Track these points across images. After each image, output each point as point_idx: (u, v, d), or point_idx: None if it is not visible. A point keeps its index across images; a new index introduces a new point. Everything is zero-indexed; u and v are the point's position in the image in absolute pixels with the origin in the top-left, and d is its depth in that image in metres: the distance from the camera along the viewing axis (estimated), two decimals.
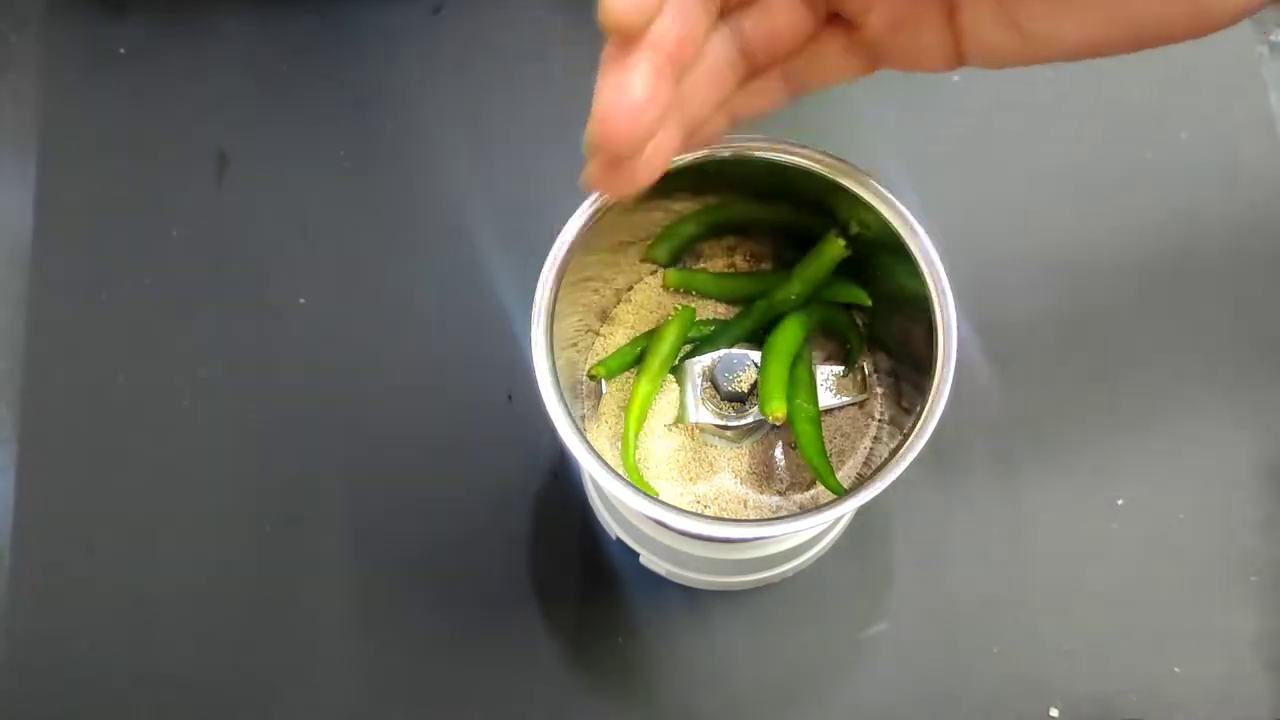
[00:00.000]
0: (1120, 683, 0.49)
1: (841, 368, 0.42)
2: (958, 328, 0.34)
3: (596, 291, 0.42)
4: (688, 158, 0.35)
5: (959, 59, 0.28)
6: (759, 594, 0.50)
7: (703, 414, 0.40)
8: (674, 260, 0.43)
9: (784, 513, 0.41)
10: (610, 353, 0.43)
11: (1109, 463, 0.52)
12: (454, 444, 0.52)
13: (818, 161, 0.35)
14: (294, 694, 0.49)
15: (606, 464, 0.34)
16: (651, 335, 0.42)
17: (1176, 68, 0.58)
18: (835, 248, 0.38)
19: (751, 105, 0.30)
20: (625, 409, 0.41)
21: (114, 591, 0.50)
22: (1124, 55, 0.27)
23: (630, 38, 0.23)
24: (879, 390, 0.42)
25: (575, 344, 0.41)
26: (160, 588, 0.50)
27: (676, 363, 0.42)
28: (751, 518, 0.41)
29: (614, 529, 0.47)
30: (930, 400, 0.33)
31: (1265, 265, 0.55)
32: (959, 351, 0.34)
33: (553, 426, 0.33)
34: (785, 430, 0.42)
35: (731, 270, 0.44)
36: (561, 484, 0.51)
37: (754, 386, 0.40)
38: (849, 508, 0.33)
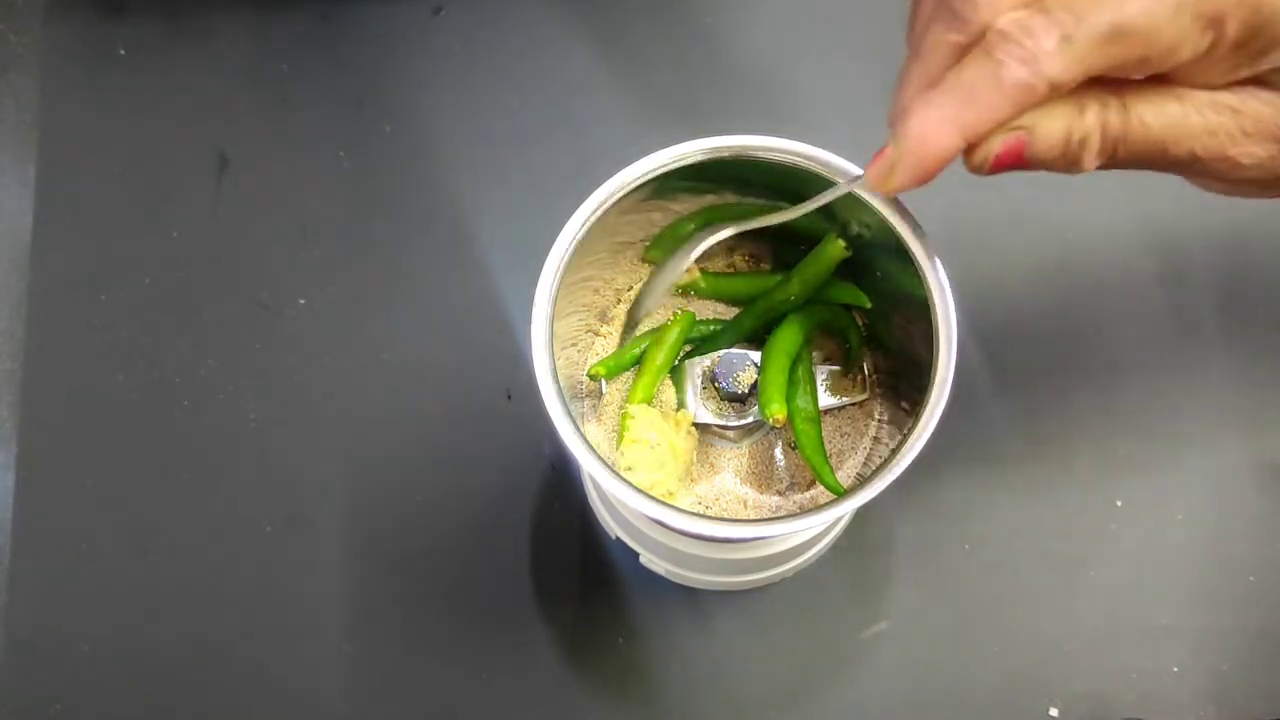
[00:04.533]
0: (1120, 683, 0.49)
1: (841, 368, 0.42)
2: (957, 328, 0.34)
3: (596, 291, 0.42)
4: (687, 158, 0.35)
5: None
6: (759, 594, 0.50)
7: (703, 414, 0.40)
8: None
9: (784, 513, 0.41)
10: (610, 353, 0.43)
11: (1108, 464, 0.52)
12: (454, 443, 0.52)
13: (818, 161, 0.35)
14: (294, 694, 0.49)
15: (606, 464, 0.34)
16: (651, 335, 0.42)
17: None
18: (835, 248, 0.38)
19: None
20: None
21: (113, 591, 0.50)
22: None
23: None
24: (879, 390, 0.42)
25: (575, 344, 0.41)
26: (160, 588, 0.50)
27: (676, 363, 0.42)
28: (751, 518, 0.41)
29: (614, 529, 0.47)
30: (930, 400, 0.33)
31: (1262, 267, 0.55)
32: (958, 352, 0.34)
33: (553, 426, 0.33)
34: (785, 430, 0.42)
35: (731, 270, 0.44)
36: (561, 484, 0.51)
37: (754, 386, 0.40)
38: (849, 508, 0.33)
